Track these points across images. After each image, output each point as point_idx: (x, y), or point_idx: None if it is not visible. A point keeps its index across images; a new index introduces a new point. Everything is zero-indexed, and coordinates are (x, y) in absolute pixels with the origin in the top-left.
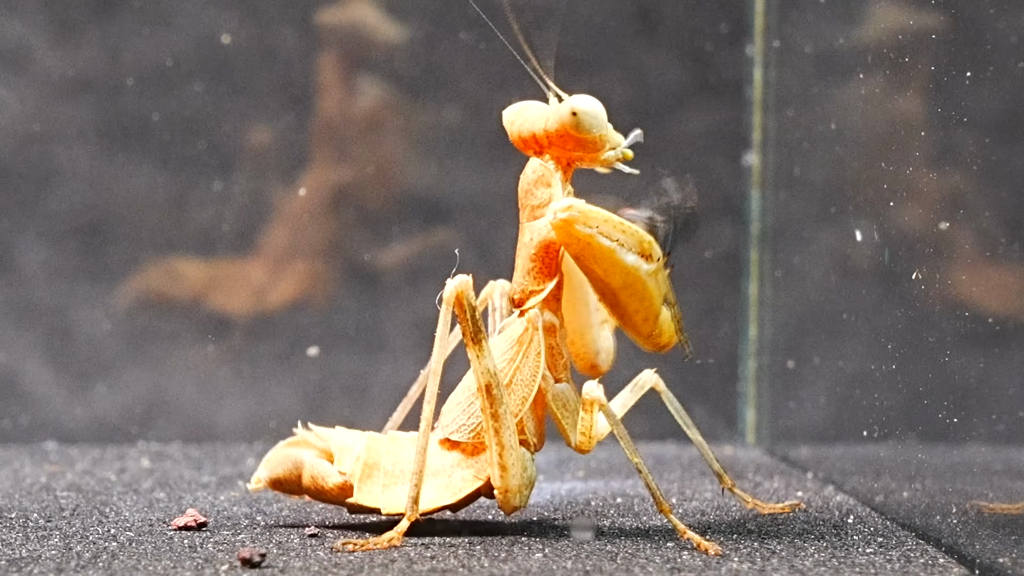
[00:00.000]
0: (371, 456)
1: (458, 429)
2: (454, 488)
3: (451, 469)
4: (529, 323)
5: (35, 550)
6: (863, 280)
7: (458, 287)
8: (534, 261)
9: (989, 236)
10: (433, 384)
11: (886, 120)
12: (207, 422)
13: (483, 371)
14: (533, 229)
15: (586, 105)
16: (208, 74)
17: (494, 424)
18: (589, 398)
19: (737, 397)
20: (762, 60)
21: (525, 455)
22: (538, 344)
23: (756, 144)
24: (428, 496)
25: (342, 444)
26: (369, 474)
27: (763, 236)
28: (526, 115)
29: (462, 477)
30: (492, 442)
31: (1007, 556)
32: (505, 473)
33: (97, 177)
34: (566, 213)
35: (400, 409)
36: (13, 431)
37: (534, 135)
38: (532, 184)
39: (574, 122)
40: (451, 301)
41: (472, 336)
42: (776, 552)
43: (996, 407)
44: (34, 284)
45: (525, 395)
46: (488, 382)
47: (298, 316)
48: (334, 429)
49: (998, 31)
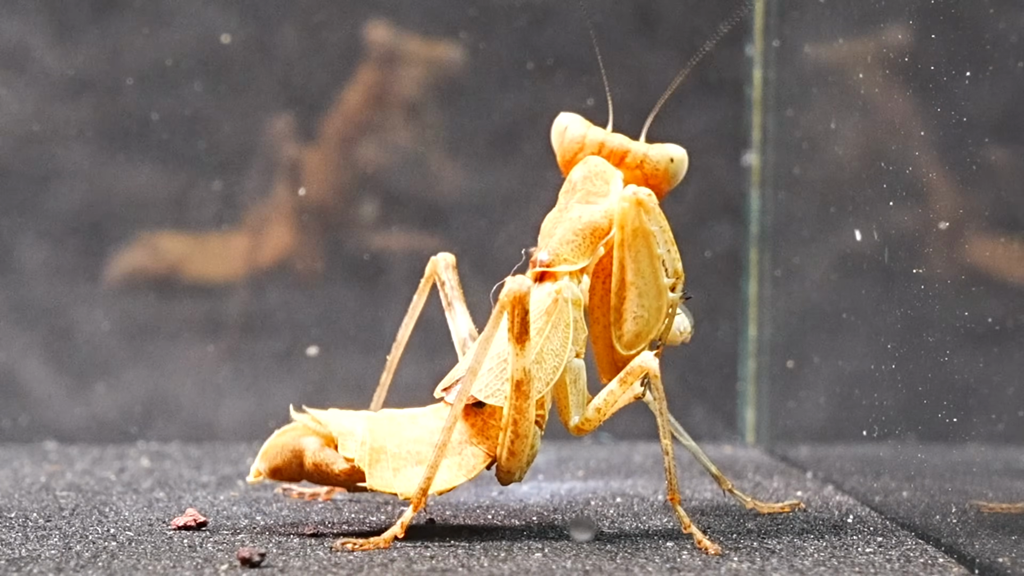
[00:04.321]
0: (375, 439)
1: (493, 393)
2: (467, 466)
3: (461, 446)
4: (558, 295)
5: (35, 550)
6: (863, 280)
7: (520, 289)
8: (577, 235)
9: (989, 236)
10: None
11: (886, 120)
12: (207, 422)
13: (519, 368)
14: (585, 210)
15: (681, 155)
16: (208, 74)
17: (515, 415)
18: (642, 366)
19: (737, 397)
20: (762, 60)
21: (535, 432)
22: (567, 316)
23: (756, 144)
24: (442, 476)
25: (342, 428)
26: (377, 458)
27: (763, 236)
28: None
29: (474, 454)
30: (508, 430)
31: (1007, 556)
32: (512, 457)
33: (97, 177)
34: (648, 199)
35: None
36: (13, 431)
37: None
38: (593, 173)
39: (672, 169)
40: (508, 302)
41: (518, 336)
42: (776, 552)
43: (996, 407)
44: (34, 284)
45: (556, 365)
46: (521, 379)
47: (299, 316)
48: (328, 411)
49: (998, 31)
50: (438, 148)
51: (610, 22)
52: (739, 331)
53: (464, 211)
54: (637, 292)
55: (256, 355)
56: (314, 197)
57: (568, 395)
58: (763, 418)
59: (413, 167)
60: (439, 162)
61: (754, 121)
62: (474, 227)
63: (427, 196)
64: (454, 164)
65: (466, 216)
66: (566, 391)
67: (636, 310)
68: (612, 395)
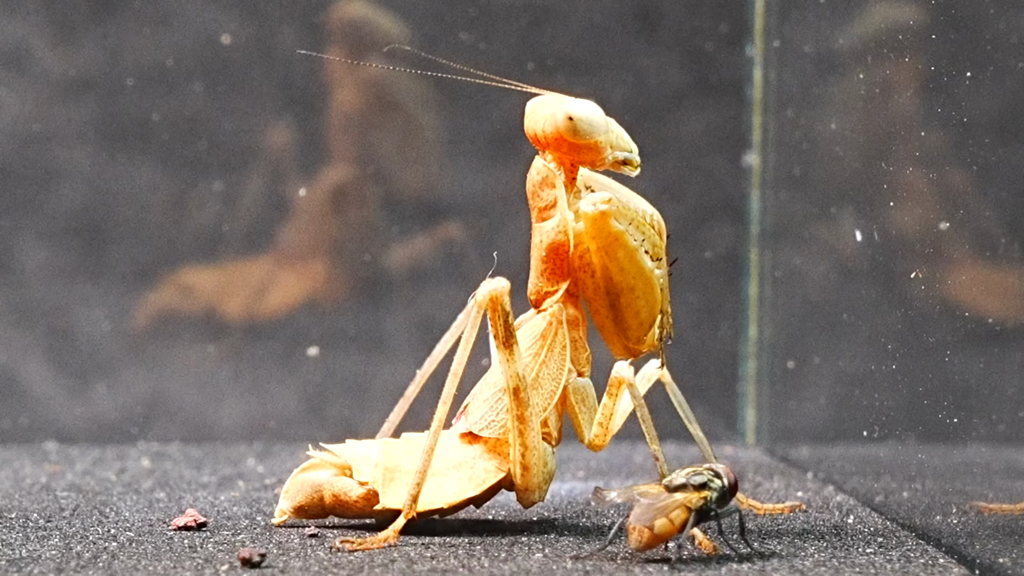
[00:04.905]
0: (389, 460)
1: (487, 425)
2: (477, 480)
3: (473, 461)
4: (552, 317)
5: (35, 550)
6: (863, 280)
7: (496, 290)
8: (545, 263)
9: (989, 236)
10: (452, 385)
11: (886, 120)
12: (207, 422)
13: (512, 375)
14: (542, 231)
15: (582, 111)
16: (208, 74)
17: (519, 426)
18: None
19: (737, 397)
20: (762, 60)
21: (547, 449)
22: (563, 338)
23: (756, 144)
24: (452, 489)
25: (357, 455)
26: (391, 478)
27: (763, 236)
28: (540, 111)
29: (485, 468)
30: (516, 443)
31: (1007, 556)
32: (527, 472)
33: (97, 177)
34: (606, 205)
35: (397, 410)
36: (13, 431)
37: (535, 134)
38: (537, 185)
39: (570, 127)
40: (484, 304)
41: (504, 340)
42: (776, 552)
43: (996, 407)
44: (34, 284)
45: (553, 389)
46: (516, 385)
47: (298, 316)
48: (345, 443)
49: (998, 31)
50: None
51: (610, 22)
52: (739, 331)
53: (464, 211)
54: (628, 287)
55: (256, 356)
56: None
57: (579, 414)
58: (763, 418)
59: (413, 167)
60: (439, 162)
61: (754, 121)
62: (474, 227)
63: (427, 196)
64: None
65: (466, 216)
66: (575, 411)
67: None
68: (607, 408)
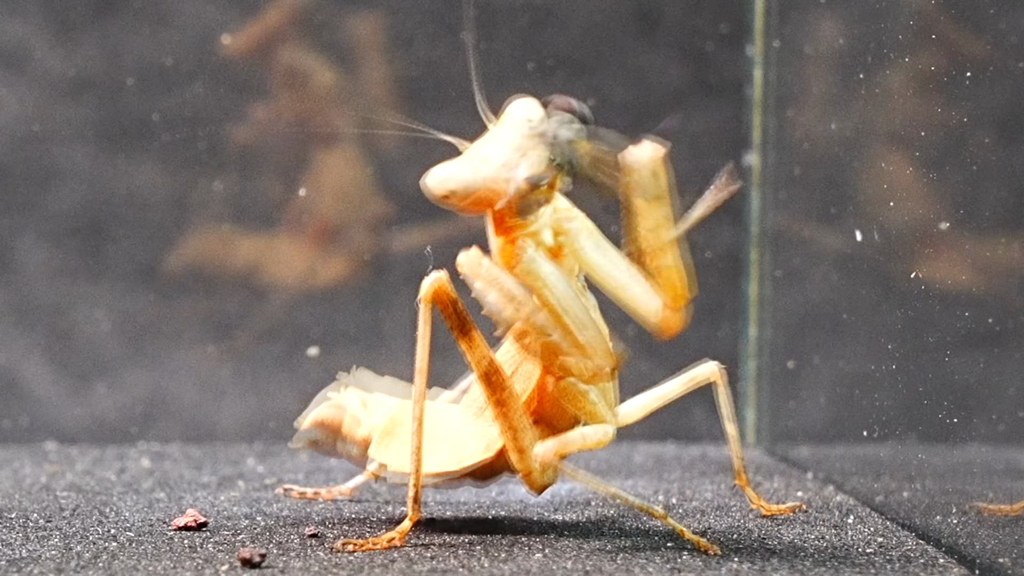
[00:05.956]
0: (397, 416)
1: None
2: (462, 456)
3: (466, 439)
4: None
5: (35, 550)
6: (863, 280)
7: (434, 283)
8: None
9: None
10: (421, 383)
11: (886, 120)
12: (207, 422)
13: (478, 360)
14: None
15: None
16: (208, 74)
17: (499, 410)
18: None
19: (737, 397)
20: (762, 60)
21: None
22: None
23: (756, 144)
24: (439, 459)
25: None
26: (389, 431)
27: (763, 236)
28: None
29: (473, 448)
30: (504, 427)
31: (1007, 556)
32: (523, 455)
33: (97, 177)
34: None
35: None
36: (13, 431)
37: None
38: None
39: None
40: (428, 298)
41: (460, 329)
42: (776, 552)
43: (996, 407)
44: (34, 284)
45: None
46: (485, 370)
47: (298, 316)
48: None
49: (998, 31)
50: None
51: (610, 22)
52: (739, 331)
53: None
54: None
55: (256, 355)
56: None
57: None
58: (763, 419)
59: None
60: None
61: (754, 121)
62: (474, 227)
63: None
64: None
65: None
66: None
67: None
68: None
